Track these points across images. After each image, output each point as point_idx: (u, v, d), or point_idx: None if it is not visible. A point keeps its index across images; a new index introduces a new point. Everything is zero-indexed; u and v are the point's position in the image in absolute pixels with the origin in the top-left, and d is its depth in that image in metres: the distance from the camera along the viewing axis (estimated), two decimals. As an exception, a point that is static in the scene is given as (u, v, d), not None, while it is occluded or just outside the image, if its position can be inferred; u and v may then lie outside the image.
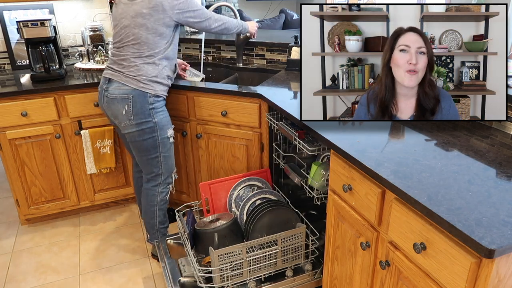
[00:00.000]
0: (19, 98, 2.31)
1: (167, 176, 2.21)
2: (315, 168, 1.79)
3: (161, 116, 2.08)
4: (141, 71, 1.99)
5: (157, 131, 2.08)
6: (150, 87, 2.01)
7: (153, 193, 2.21)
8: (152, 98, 2.03)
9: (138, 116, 2.02)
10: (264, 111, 2.17)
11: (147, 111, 2.03)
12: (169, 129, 2.14)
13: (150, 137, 2.07)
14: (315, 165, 1.80)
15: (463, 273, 0.99)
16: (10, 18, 2.69)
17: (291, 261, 1.89)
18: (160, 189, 2.21)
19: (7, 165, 2.44)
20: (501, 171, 1.27)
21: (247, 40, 2.74)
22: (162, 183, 2.20)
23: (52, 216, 2.76)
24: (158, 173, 2.18)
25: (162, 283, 2.21)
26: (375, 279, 1.42)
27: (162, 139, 2.11)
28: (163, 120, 2.09)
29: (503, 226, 0.98)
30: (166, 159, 2.17)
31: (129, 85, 1.99)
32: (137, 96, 1.99)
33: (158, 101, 2.06)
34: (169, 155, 2.18)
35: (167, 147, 2.15)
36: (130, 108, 2.00)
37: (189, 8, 2.01)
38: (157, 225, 2.26)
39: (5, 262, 2.39)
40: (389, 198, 1.26)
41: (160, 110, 2.08)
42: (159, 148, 2.12)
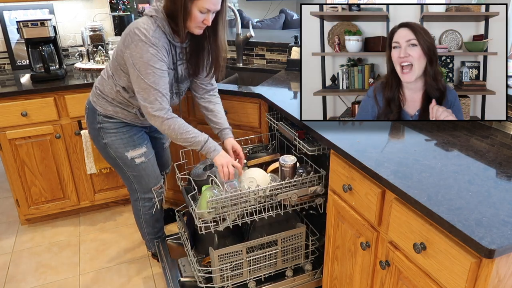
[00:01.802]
0: (19, 98, 2.31)
1: (145, 192, 2.04)
2: (203, 193, 1.67)
3: (112, 138, 1.86)
4: (100, 84, 1.83)
5: (111, 152, 1.89)
6: (100, 104, 1.82)
7: (136, 207, 2.12)
8: (100, 117, 1.83)
9: (90, 130, 1.91)
10: (264, 111, 2.17)
11: (96, 129, 1.86)
12: (130, 152, 1.89)
13: (106, 156, 1.93)
14: (204, 188, 1.71)
15: (463, 273, 0.99)
16: (10, 18, 2.69)
17: (291, 261, 1.89)
18: (142, 203, 2.08)
19: (7, 165, 2.44)
20: (501, 171, 1.27)
21: (247, 40, 2.74)
22: (141, 198, 2.06)
23: (52, 216, 2.76)
24: (132, 189, 2.05)
25: (162, 283, 2.21)
26: (375, 279, 1.42)
27: (122, 160, 1.91)
28: (115, 142, 1.86)
29: (503, 226, 0.98)
30: (137, 178, 1.98)
31: (90, 96, 1.89)
32: (89, 110, 1.87)
33: (109, 122, 1.84)
34: (138, 175, 1.97)
35: (132, 167, 1.93)
36: (86, 119, 1.91)
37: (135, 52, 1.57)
38: (147, 235, 2.22)
39: (5, 262, 2.39)
40: (389, 198, 1.26)
41: (111, 132, 1.85)
42: (122, 167, 1.95)
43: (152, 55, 1.59)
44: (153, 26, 1.60)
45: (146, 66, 1.59)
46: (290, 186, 1.70)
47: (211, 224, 1.65)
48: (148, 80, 1.60)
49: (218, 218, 1.66)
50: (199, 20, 1.60)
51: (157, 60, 1.60)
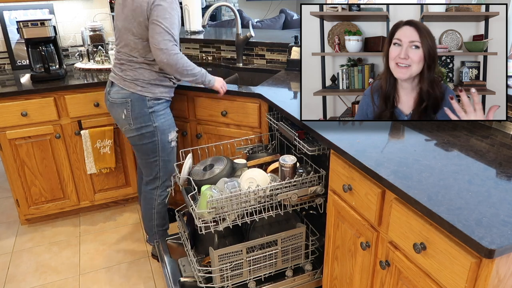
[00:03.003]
0: (19, 98, 2.31)
1: (166, 179, 2.17)
2: (203, 193, 1.67)
3: (162, 119, 2.03)
4: (137, 75, 1.94)
5: (158, 135, 2.03)
6: (148, 90, 1.96)
7: (151, 196, 2.19)
8: (151, 101, 1.97)
9: (137, 120, 1.98)
10: (264, 111, 2.17)
11: (146, 115, 1.98)
12: (171, 133, 2.08)
13: (150, 142, 2.04)
14: (204, 188, 1.71)
15: (463, 273, 0.99)
16: (10, 18, 2.69)
17: (291, 261, 1.89)
18: (159, 192, 2.18)
19: (7, 165, 2.44)
20: (501, 171, 1.27)
21: (247, 40, 2.74)
22: (160, 186, 2.17)
23: (52, 216, 2.76)
24: (157, 176, 2.15)
25: (162, 283, 2.21)
26: (375, 279, 1.42)
27: (162, 143, 2.06)
28: (164, 123, 2.04)
29: (503, 226, 0.98)
30: (166, 163, 2.12)
31: (127, 89, 1.95)
32: (135, 100, 1.95)
33: (158, 104, 2.00)
34: (168, 159, 2.13)
35: (167, 151, 2.10)
36: (129, 112, 1.97)
37: (162, 12, 1.79)
38: (155, 227, 2.25)
39: (5, 262, 2.39)
40: (389, 198, 1.26)
41: (162, 113, 2.03)
42: (158, 152, 2.08)
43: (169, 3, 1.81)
44: None
45: (164, 13, 1.80)
46: (290, 186, 1.70)
47: (211, 224, 1.65)
48: (165, 24, 1.80)
49: (218, 218, 1.66)
50: None
51: (173, 8, 1.82)
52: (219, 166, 1.86)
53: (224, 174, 1.84)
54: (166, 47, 1.81)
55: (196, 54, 3.04)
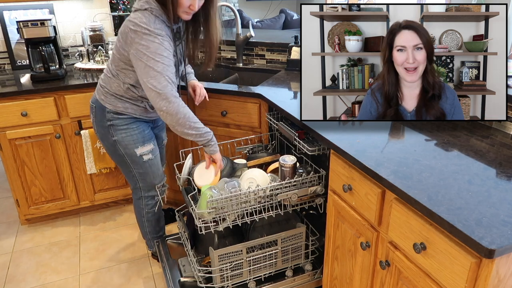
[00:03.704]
0: (19, 98, 2.31)
1: (148, 190, 2.06)
2: (203, 193, 1.65)
3: (122, 134, 1.87)
4: (106, 83, 1.85)
5: (120, 149, 1.91)
6: (109, 101, 1.83)
7: (138, 205, 2.12)
8: (110, 114, 1.85)
9: (98, 129, 1.92)
10: (264, 111, 2.17)
11: (105, 127, 1.87)
12: (139, 148, 1.91)
13: (114, 154, 1.95)
14: (204, 188, 1.70)
15: (463, 273, 0.99)
16: (10, 18, 2.69)
17: (291, 261, 1.89)
18: (145, 202, 2.10)
19: (7, 165, 2.44)
20: (501, 171, 1.27)
21: (247, 40, 2.74)
22: (144, 197, 2.08)
23: (52, 216, 2.76)
24: (137, 187, 2.06)
25: (162, 283, 2.21)
26: (375, 279, 1.42)
27: (130, 157, 1.93)
28: (125, 138, 1.88)
29: (503, 226, 0.98)
30: (142, 175, 2.00)
31: (95, 95, 1.91)
32: (98, 108, 1.88)
33: (119, 118, 1.85)
34: (144, 172, 1.99)
35: (139, 164, 1.96)
36: (93, 118, 1.92)
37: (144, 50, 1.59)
38: (148, 234, 2.23)
39: (5, 262, 2.39)
40: (389, 198, 1.26)
41: (122, 128, 1.87)
42: (129, 165, 1.97)
43: (158, 45, 1.61)
44: (152, 18, 1.61)
45: (154, 55, 1.60)
46: (290, 186, 1.70)
47: (211, 224, 1.65)
48: (157, 68, 1.61)
49: (218, 218, 1.66)
50: (186, 5, 1.64)
51: (164, 49, 1.63)
52: None
53: (224, 174, 1.84)
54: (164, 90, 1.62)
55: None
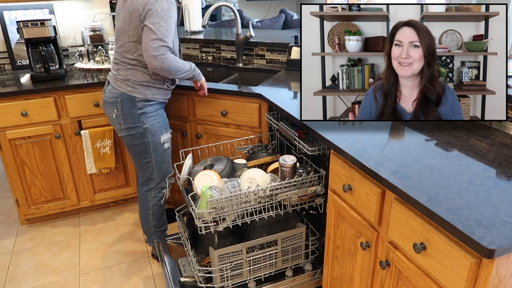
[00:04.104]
0: (19, 98, 2.31)
1: (160, 181, 2.16)
2: (203, 193, 1.66)
3: (153, 121, 2.00)
4: (128, 75, 1.93)
5: (148, 137, 2.01)
6: (138, 91, 1.94)
7: (146, 197, 2.18)
8: (141, 102, 1.95)
9: (127, 120, 1.97)
10: (264, 111, 2.17)
11: (136, 116, 1.96)
12: (163, 135, 2.05)
13: (140, 143, 2.02)
14: (204, 188, 1.70)
15: (463, 273, 0.99)
16: (10, 18, 2.69)
17: (291, 261, 1.89)
18: (153, 193, 2.17)
19: (7, 165, 2.44)
20: (501, 171, 1.27)
21: (247, 40, 2.74)
22: (155, 187, 2.16)
23: (52, 216, 2.76)
24: (150, 177, 2.13)
25: (162, 283, 2.21)
26: (375, 279, 1.42)
27: (154, 144, 2.04)
28: (155, 125, 2.01)
29: (503, 226, 0.98)
30: (159, 164, 2.10)
31: (119, 89, 1.95)
32: (125, 100, 1.94)
33: (149, 105, 1.97)
34: (162, 161, 2.11)
35: (160, 153, 2.08)
36: (119, 112, 1.97)
37: (156, 18, 1.76)
38: (152, 228, 2.26)
39: (5, 262, 2.39)
40: (389, 198, 1.26)
41: (152, 115, 1.99)
42: (150, 154, 2.06)
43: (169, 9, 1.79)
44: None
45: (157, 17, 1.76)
46: (290, 186, 1.70)
47: (211, 224, 1.65)
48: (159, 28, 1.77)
49: (218, 218, 1.66)
50: None
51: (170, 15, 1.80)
52: (219, 166, 1.87)
53: (224, 174, 1.84)
54: (158, 53, 1.78)
55: (196, 54, 3.04)
